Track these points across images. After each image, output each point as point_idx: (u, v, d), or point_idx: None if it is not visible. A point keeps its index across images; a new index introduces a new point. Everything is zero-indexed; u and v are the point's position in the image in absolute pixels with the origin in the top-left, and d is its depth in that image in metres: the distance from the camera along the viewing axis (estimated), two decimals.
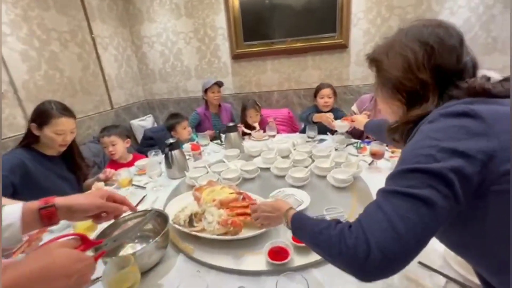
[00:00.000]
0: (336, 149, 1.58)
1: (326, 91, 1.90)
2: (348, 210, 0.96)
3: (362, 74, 2.57)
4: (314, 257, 0.73)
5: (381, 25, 2.39)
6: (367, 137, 1.77)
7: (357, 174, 1.16)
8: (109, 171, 1.37)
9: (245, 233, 0.84)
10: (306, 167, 1.30)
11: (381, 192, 0.44)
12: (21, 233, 0.50)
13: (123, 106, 2.66)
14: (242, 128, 2.08)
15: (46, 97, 1.82)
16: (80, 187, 1.38)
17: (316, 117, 1.77)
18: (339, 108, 2.10)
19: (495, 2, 2.20)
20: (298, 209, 0.83)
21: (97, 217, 0.62)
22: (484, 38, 2.31)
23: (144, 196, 1.23)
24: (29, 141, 1.16)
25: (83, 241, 0.48)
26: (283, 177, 1.23)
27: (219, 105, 2.31)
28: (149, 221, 0.88)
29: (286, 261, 0.72)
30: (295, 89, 2.72)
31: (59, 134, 1.15)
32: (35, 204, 0.54)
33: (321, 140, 1.79)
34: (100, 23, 2.35)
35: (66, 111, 1.18)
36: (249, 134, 2.02)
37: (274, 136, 1.88)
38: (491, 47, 2.33)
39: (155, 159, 1.49)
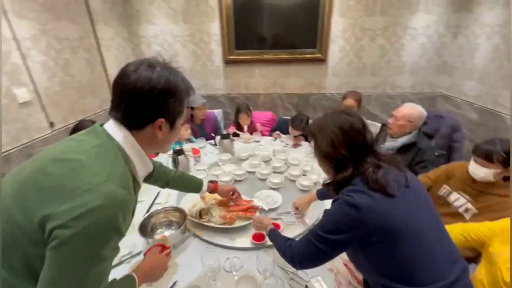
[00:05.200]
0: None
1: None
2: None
3: (337, 84, 2.99)
4: None
5: (355, 44, 2.78)
6: None
7: (317, 180, 1.62)
8: None
9: (237, 224, 1.27)
10: (282, 173, 1.75)
11: (308, 236, 0.81)
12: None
13: None
14: (234, 129, 2.48)
15: (63, 101, 2.09)
16: None
17: (275, 134, 2.46)
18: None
19: (446, 32, 2.64)
20: (273, 207, 1.35)
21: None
22: (436, 61, 2.78)
23: (158, 192, 1.62)
24: None
25: (163, 247, 0.96)
26: (264, 180, 1.67)
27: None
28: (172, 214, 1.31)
29: (263, 242, 1.16)
30: (279, 93, 3.10)
31: None
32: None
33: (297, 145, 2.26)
34: (103, 26, 2.53)
35: None
36: (238, 135, 2.43)
37: (258, 141, 2.30)
38: (441, 69, 2.81)
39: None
